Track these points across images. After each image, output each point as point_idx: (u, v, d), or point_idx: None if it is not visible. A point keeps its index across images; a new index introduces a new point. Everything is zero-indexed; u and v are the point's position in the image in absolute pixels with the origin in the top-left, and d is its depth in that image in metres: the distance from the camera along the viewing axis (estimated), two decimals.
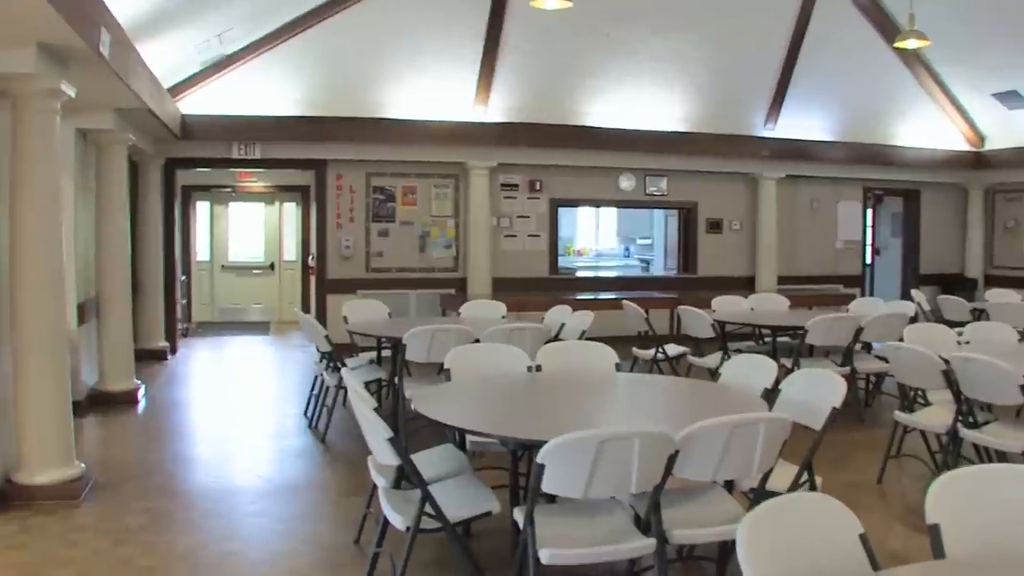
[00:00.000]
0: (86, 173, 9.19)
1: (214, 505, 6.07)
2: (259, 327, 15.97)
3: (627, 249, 21.16)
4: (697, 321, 9.14)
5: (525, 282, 13.40)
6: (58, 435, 6.16)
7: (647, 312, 9.67)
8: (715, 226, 14.66)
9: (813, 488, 4.49)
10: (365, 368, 8.07)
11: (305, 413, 8.58)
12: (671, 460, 3.69)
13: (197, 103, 11.74)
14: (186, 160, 12.43)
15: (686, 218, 14.74)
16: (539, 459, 3.55)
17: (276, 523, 5.73)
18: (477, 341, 6.92)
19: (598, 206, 17.08)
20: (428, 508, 4.02)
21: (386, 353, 8.17)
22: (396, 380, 7.39)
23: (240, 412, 9.29)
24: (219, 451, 7.70)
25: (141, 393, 9.47)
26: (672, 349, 9.51)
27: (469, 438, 4.72)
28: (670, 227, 15.44)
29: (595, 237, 21.46)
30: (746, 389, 4.92)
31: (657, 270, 16.36)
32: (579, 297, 12.38)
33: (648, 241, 19.84)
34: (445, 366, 5.37)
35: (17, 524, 5.56)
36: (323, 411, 8.04)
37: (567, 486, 3.64)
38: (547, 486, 3.60)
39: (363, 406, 4.11)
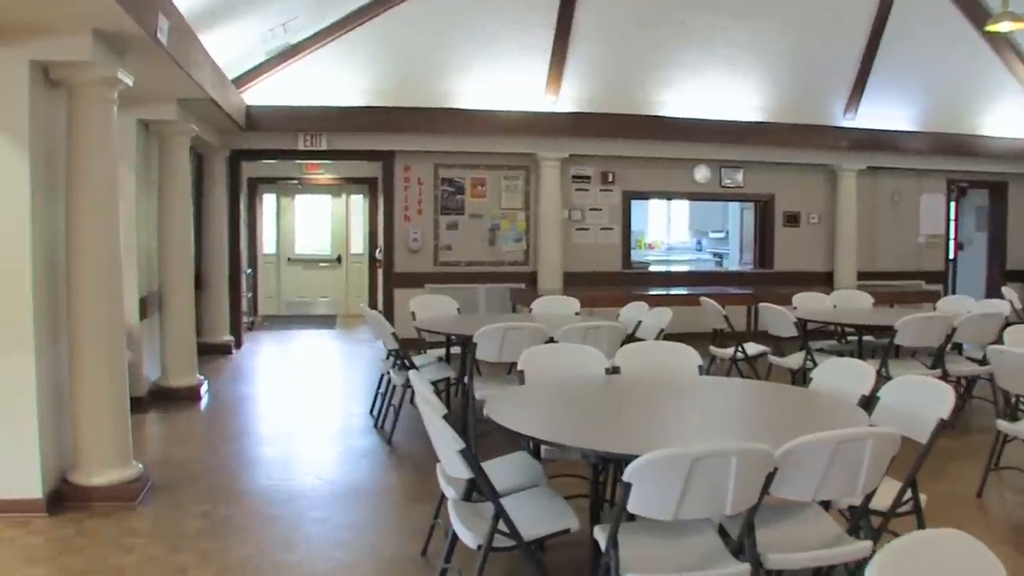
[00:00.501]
0: (149, 165, 9.00)
1: (274, 510, 5.80)
2: (325, 321, 15.79)
3: (699, 243, 20.76)
4: (778, 319, 8.69)
5: (597, 276, 13.06)
6: (115, 434, 5.96)
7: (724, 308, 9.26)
8: (792, 219, 14.19)
9: (918, 506, 4.10)
10: (433, 366, 7.75)
11: (371, 412, 8.32)
12: (769, 478, 3.32)
13: (262, 94, 11.55)
14: (251, 152, 12.26)
15: (762, 211, 14.29)
16: (626, 477, 3.18)
17: (338, 531, 5.44)
18: (551, 340, 6.59)
19: (672, 199, 16.56)
20: (501, 525, 3.68)
21: (455, 350, 7.87)
22: (466, 380, 7.05)
23: (304, 410, 9.05)
24: (282, 451, 7.43)
25: (204, 389, 9.28)
26: (752, 348, 9.09)
27: (545, 447, 4.38)
28: (746, 220, 15.01)
29: (666, 230, 21.00)
30: (840, 396, 4.53)
31: (731, 264, 15.92)
32: (652, 292, 12.03)
33: (721, 234, 19.56)
34: (519, 367, 5.03)
35: (73, 527, 5.37)
36: (389, 410, 7.77)
37: (656, 507, 3.26)
38: (634, 507, 3.24)
39: (432, 413, 3.78)
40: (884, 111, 13.66)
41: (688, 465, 3.15)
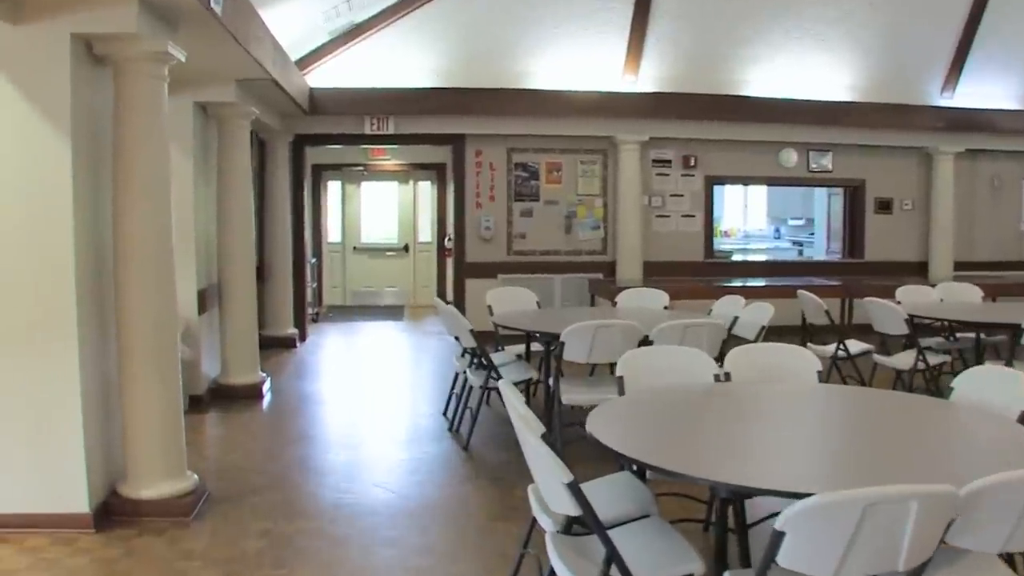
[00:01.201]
0: (207, 150, 8.47)
1: (340, 530, 5.20)
2: (392, 312, 15.25)
3: (777, 230, 20.12)
4: (886, 314, 7.93)
5: (678, 266, 12.38)
6: (167, 442, 5.43)
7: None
8: (884, 206, 13.38)
9: None
10: (513, 366, 7.10)
11: (444, 413, 7.74)
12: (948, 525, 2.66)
13: (326, 76, 11.03)
14: (316, 137, 11.74)
15: (852, 197, 13.48)
16: (779, 525, 2.53)
17: (412, 556, 4.82)
18: (645, 339, 5.94)
19: (756, 184, 15.71)
20: (613, 570, 3.03)
21: (535, 347, 7.24)
22: (551, 382, 6.41)
23: (372, 411, 8.46)
24: (349, 458, 6.82)
25: (266, 387, 8.75)
26: (855, 346, 8.35)
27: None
28: (834, 207, 14.16)
29: (743, 217, 20.26)
30: (989, 409, 3.86)
31: (818, 254, 15.09)
32: (736, 284, 11.29)
33: (802, 222, 18.90)
34: (617, 373, 4.39)
35: (121, 546, 4.85)
36: (465, 413, 7.15)
37: (814, 562, 2.61)
38: (786, 560, 2.58)
39: (530, 434, 3.15)
40: (985, 89, 12.79)
41: (860, 512, 2.49)
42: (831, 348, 8.27)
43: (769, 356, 4.83)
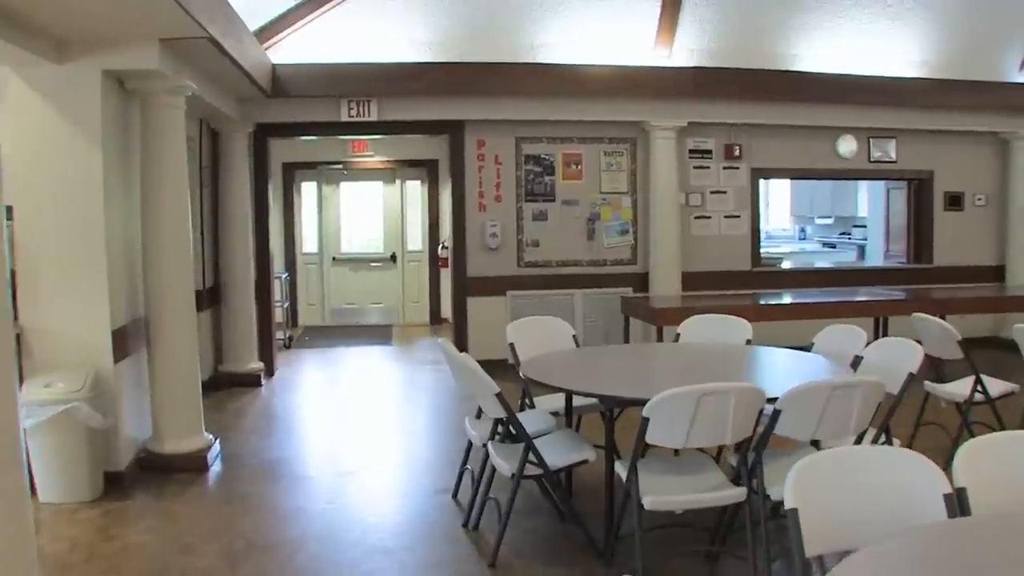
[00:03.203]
0: (128, 138, 6.30)
1: None
2: (379, 333, 13.07)
3: (803, 230, 18.31)
4: (935, 334, 6.34)
5: (722, 277, 10.43)
6: None
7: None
8: (955, 201, 11.44)
9: None
10: (556, 439, 4.89)
11: (455, 496, 5.62)
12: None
13: (293, 50, 8.94)
14: (282, 126, 9.59)
15: (918, 191, 11.48)
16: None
17: None
18: (771, 405, 3.85)
19: (811, 178, 13.54)
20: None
21: (580, 401, 5.16)
22: (619, 470, 4.28)
23: (356, 489, 6.17)
24: None
25: (214, 453, 6.56)
26: (996, 385, 6.28)
27: None
28: (894, 204, 12.13)
29: (764, 215, 18.25)
30: None
31: (872, 259, 13.09)
32: (808, 300, 9.25)
33: (828, 220, 17.36)
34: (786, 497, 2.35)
35: None
36: (485, 506, 5.03)
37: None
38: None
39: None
40: None
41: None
42: (961, 389, 6.24)
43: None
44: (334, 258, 14.00)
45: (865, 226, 16.50)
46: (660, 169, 9.94)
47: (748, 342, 5.94)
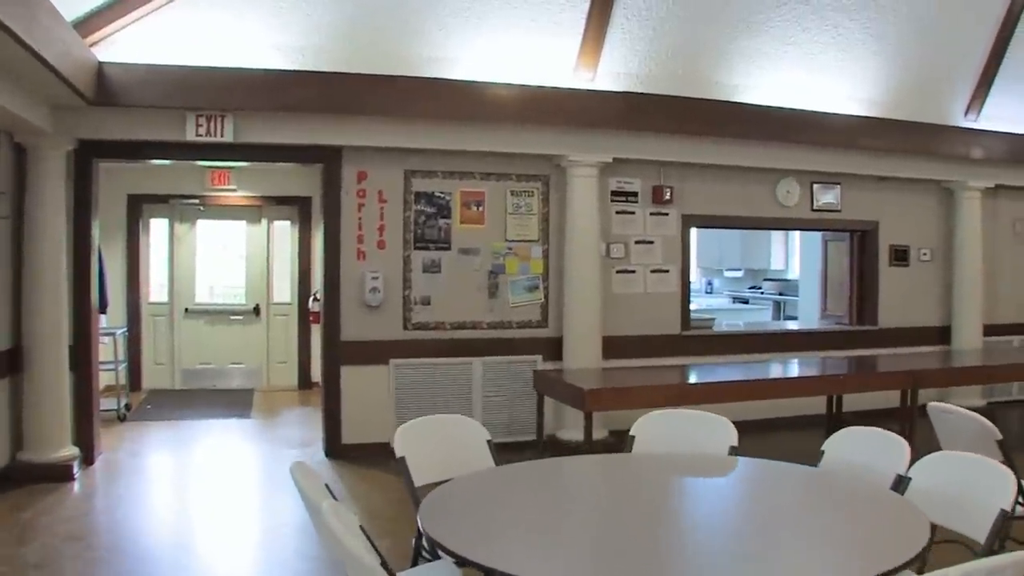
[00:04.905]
0: None
1: None
2: (238, 400, 11.04)
3: (710, 283, 17.51)
4: (967, 431, 4.84)
5: (648, 343, 8.92)
6: None
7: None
8: (900, 256, 10.37)
9: None
10: None
11: None
12: None
13: (126, 47, 7.04)
14: (112, 144, 7.57)
15: (861, 243, 10.31)
16: None
17: None
18: None
19: (748, 228, 12.20)
20: None
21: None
22: None
23: None
24: None
25: None
26: None
27: None
28: (833, 256, 10.83)
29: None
30: None
31: (806, 318, 11.79)
32: (728, 379, 7.80)
33: (738, 273, 16.63)
34: None
35: None
36: None
37: None
38: None
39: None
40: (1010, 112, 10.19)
41: None
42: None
43: None
44: (187, 309, 11.95)
45: (778, 280, 15.42)
46: (578, 213, 8.31)
47: (733, 450, 4.25)
